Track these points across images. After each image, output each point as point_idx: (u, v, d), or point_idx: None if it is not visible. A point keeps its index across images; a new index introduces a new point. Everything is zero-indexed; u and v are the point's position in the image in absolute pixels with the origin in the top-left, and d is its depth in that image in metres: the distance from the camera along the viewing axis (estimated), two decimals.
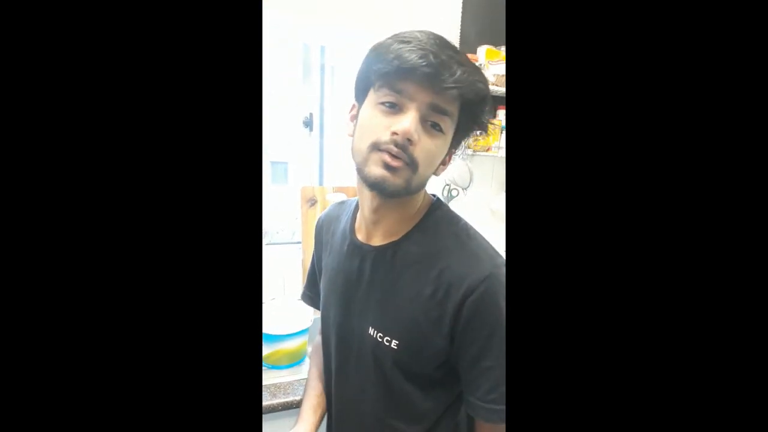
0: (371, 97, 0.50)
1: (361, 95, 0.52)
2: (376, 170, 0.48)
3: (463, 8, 1.41)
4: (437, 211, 0.56)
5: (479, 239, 0.55)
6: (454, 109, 0.48)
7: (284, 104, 1.39)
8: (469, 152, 1.38)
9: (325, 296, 0.64)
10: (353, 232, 0.60)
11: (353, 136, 0.52)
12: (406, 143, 0.46)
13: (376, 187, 0.49)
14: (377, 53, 0.49)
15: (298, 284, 1.38)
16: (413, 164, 0.47)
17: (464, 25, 1.41)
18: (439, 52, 0.45)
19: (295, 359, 1.01)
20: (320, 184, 1.50)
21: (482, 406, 0.51)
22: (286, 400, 0.88)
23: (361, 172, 0.50)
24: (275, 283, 1.36)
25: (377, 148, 0.47)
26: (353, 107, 0.54)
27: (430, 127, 0.48)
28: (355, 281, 0.58)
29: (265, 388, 0.91)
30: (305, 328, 1.11)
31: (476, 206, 1.55)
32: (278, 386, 0.93)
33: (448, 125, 0.49)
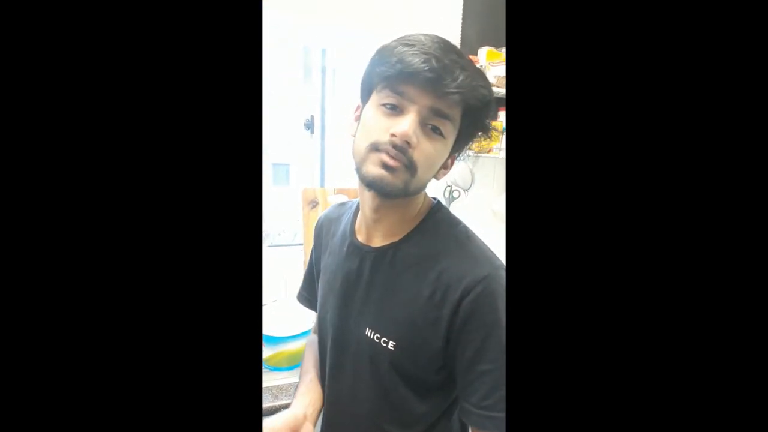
0: (374, 98, 0.50)
1: (365, 96, 0.53)
2: (373, 170, 0.48)
3: (464, 10, 1.41)
4: (437, 213, 0.57)
5: (478, 242, 0.55)
6: (455, 113, 0.49)
7: (285, 106, 1.39)
8: (470, 153, 1.38)
9: (323, 296, 0.63)
10: (353, 233, 0.60)
11: (355, 136, 0.53)
12: (404, 145, 0.47)
13: (373, 186, 0.49)
14: (381, 55, 0.49)
15: (299, 286, 1.38)
16: (411, 166, 0.48)
17: (465, 26, 1.42)
18: (442, 56, 0.45)
19: (296, 361, 1.00)
20: (321, 185, 1.50)
21: (476, 412, 0.50)
22: (287, 402, 0.87)
23: (359, 171, 0.50)
24: (276, 284, 1.37)
25: (376, 148, 0.48)
26: (357, 108, 0.55)
27: (430, 130, 0.48)
28: (354, 282, 0.58)
29: (266, 390, 0.91)
30: (306, 330, 1.11)
31: (478, 207, 1.55)
32: (279, 388, 0.92)
33: (448, 129, 0.49)
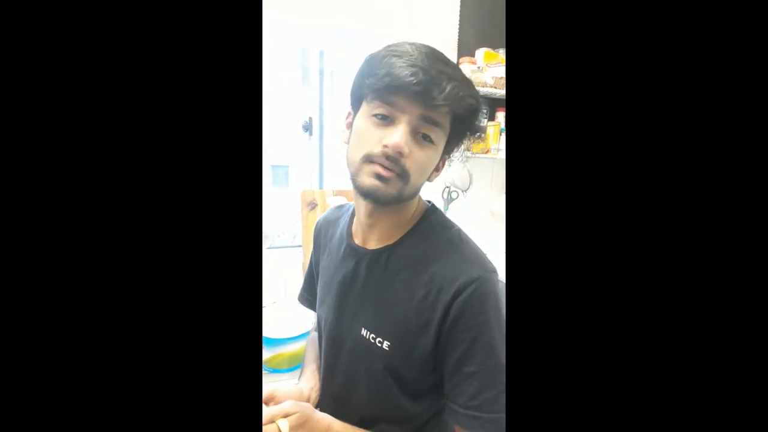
0: (364, 108, 0.51)
1: (355, 104, 0.54)
2: (368, 181, 0.49)
3: (461, 11, 1.42)
4: (431, 216, 0.58)
5: (471, 244, 0.56)
6: (445, 120, 0.50)
7: (284, 108, 1.40)
8: (468, 154, 1.39)
9: (321, 297, 0.65)
10: (350, 235, 0.61)
11: (348, 144, 0.54)
12: (397, 156, 0.48)
13: (369, 196, 0.50)
14: (370, 66, 0.50)
15: (298, 288, 1.38)
16: (405, 175, 0.49)
17: (462, 28, 1.42)
18: (429, 67, 0.46)
19: (296, 363, 1.00)
20: (320, 187, 1.51)
21: (463, 413, 0.51)
22: None
23: (354, 181, 0.52)
24: (276, 286, 1.37)
25: (370, 160, 0.49)
26: (349, 114, 0.56)
27: (421, 138, 0.49)
28: (350, 283, 0.59)
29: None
30: (306, 331, 1.11)
31: (476, 208, 1.56)
32: None
33: (439, 136, 0.50)
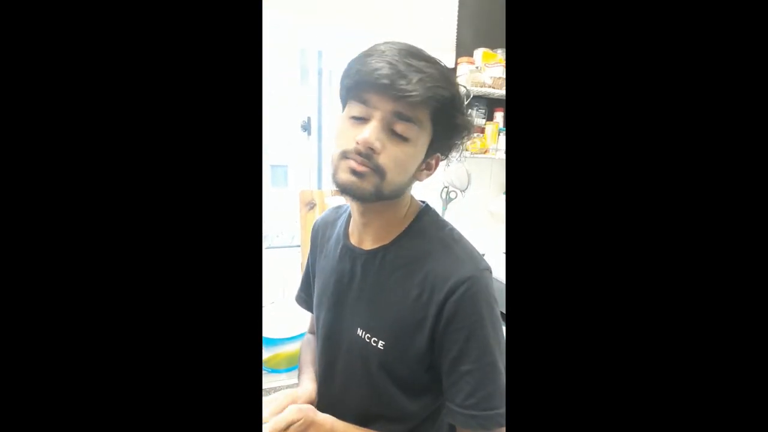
0: (345, 110, 0.53)
1: (342, 107, 0.56)
2: (343, 176, 0.50)
3: (459, 11, 1.42)
4: (425, 216, 0.59)
5: (464, 244, 0.57)
6: (421, 115, 0.50)
7: (283, 108, 1.40)
8: (466, 154, 1.39)
9: (318, 298, 0.66)
10: (347, 236, 0.62)
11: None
12: (369, 152, 0.49)
13: (346, 192, 0.51)
14: (347, 68, 0.51)
15: (297, 288, 1.38)
16: (379, 171, 0.50)
17: (461, 28, 1.42)
18: (398, 61, 0.47)
19: (294, 363, 1.00)
20: (319, 187, 1.51)
21: (461, 412, 0.52)
22: None
23: (333, 178, 0.53)
24: (275, 286, 1.36)
25: (345, 156, 0.50)
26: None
27: (395, 134, 0.50)
28: (346, 283, 0.60)
29: (264, 391, 0.91)
30: (304, 331, 1.11)
31: (474, 208, 1.56)
32: (277, 390, 0.92)
33: (414, 132, 0.50)
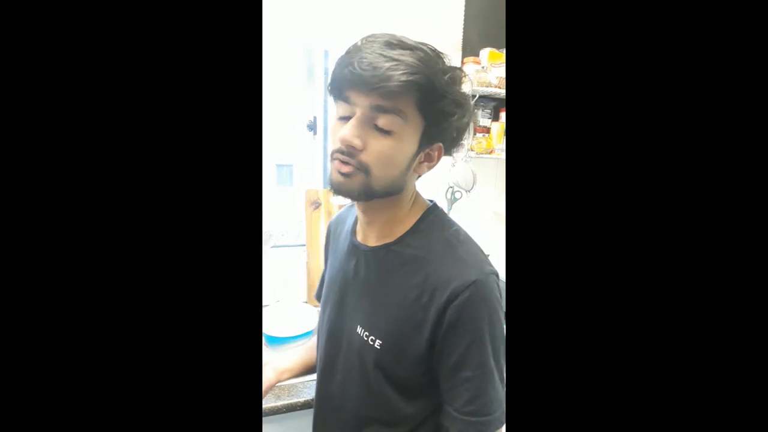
0: (336, 111, 0.53)
1: None
2: (333, 176, 0.51)
3: (465, 11, 1.41)
4: (430, 216, 0.57)
5: (470, 245, 0.55)
6: (403, 105, 0.47)
7: (289, 107, 1.40)
8: (472, 154, 1.38)
9: (325, 294, 0.66)
10: (353, 233, 0.62)
11: None
12: (351, 150, 0.48)
13: (337, 192, 0.51)
14: (333, 69, 0.51)
15: (302, 287, 1.38)
16: (363, 168, 0.49)
17: (467, 28, 1.42)
18: (369, 53, 0.46)
19: None
20: (324, 186, 1.51)
21: (459, 418, 0.51)
22: (290, 402, 0.88)
23: (328, 179, 0.53)
24: (280, 285, 1.37)
25: (332, 156, 0.51)
26: None
27: (377, 129, 0.48)
28: (351, 280, 0.60)
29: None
30: (309, 330, 1.12)
31: (480, 209, 1.56)
32: (282, 388, 0.93)
33: (398, 123, 0.48)
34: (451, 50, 1.41)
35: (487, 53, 1.38)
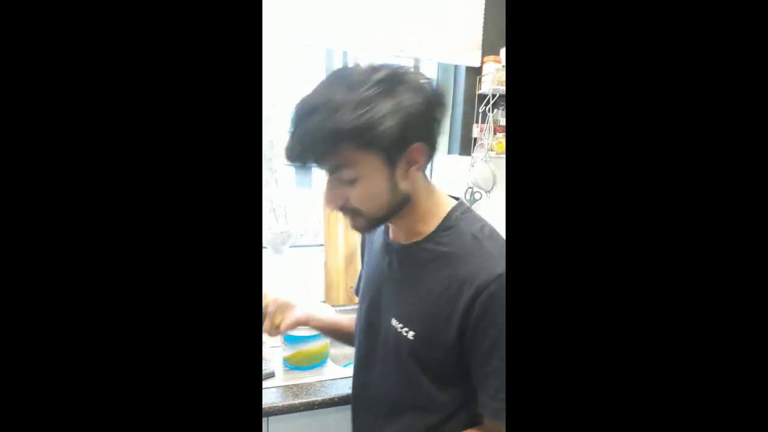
0: None
1: None
2: (346, 221, 0.58)
3: (485, 11, 1.40)
4: (457, 212, 0.59)
5: (496, 239, 0.57)
6: (346, 155, 0.49)
7: None
8: (492, 154, 1.36)
9: (362, 290, 0.70)
10: (387, 232, 0.66)
11: None
12: (338, 210, 0.55)
13: (356, 231, 0.59)
14: None
15: (320, 286, 1.39)
16: (356, 213, 0.55)
17: (486, 27, 1.41)
18: (291, 132, 0.49)
19: (316, 361, 1.01)
20: None
21: (491, 404, 0.54)
22: (308, 400, 0.89)
23: None
24: (298, 284, 1.38)
25: None
26: None
27: (346, 181, 0.52)
28: (385, 276, 0.63)
29: (287, 388, 0.92)
30: None
31: (500, 209, 1.54)
32: (300, 387, 0.94)
33: (355, 171, 0.50)
34: (470, 49, 1.39)
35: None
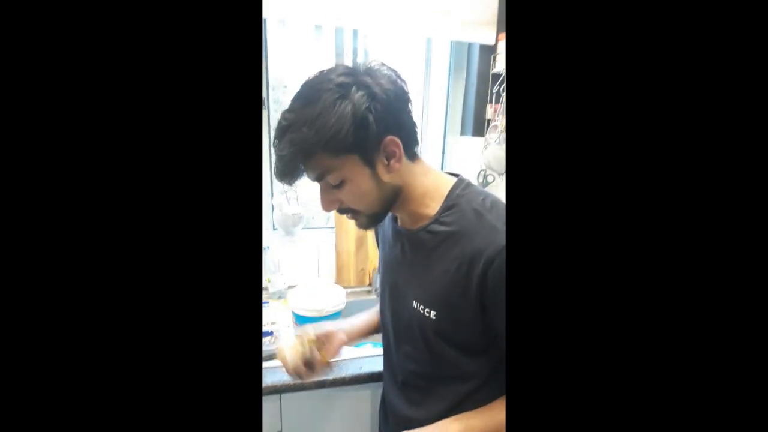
0: None
1: None
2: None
3: None
4: (457, 190, 0.60)
5: (499, 210, 0.57)
6: (324, 161, 0.52)
7: None
8: (504, 137, 1.33)
9: (381, 277, 0.74)
10: (395, 219, 0.68)
11: None
12: (337, 211, 0.58)
13: (362, 229, 0.63)
14: None
15: (331, 267, 1.41)
16: (353, 212, 0.58)
17: (503, 2, 1.36)
18: (275, 144, 0.52)
19: None
20: None
21: None
22: (319, 379, 0.90)
23: None
24: (310, 266, 1.40)
25: None
26: None
27: (335, 186, 0.55)
28: (400, 261, 0.66)
29: None
30: (338, 310, 1.14)
31: None
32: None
33: (339, 174, 0.54)
34: (485, 26, 1.35)
35: None
